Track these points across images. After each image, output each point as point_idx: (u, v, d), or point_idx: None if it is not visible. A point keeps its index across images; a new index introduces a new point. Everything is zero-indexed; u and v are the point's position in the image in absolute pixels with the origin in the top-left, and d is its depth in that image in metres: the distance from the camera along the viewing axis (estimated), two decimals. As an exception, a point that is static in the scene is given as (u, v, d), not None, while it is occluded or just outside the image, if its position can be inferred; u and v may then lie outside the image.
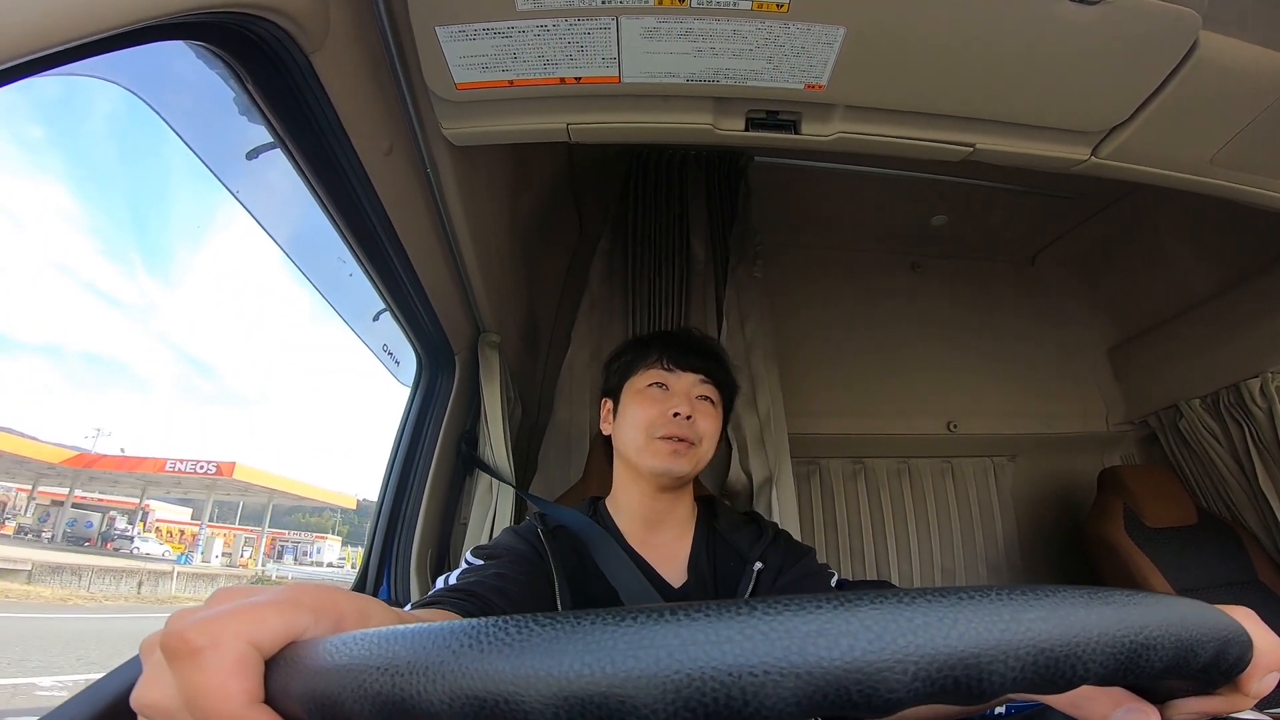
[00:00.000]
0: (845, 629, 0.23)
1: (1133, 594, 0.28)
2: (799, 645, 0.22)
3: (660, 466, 0.84)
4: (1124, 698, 0.35)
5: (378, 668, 0.23)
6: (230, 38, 0.60)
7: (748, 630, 0.22)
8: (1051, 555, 2.05)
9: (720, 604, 0.23)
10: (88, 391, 61.67)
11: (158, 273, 79.27)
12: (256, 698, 0.24)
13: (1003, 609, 0.24)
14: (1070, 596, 0.26)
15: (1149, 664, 0.26)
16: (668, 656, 0.21)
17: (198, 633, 0.25)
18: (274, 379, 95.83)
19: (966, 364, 2.10)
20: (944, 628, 0.23)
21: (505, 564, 0.76)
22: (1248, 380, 1.71)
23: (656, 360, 0.91)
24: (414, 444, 1.29)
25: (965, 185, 1.89)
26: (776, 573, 0.84)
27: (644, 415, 0.87)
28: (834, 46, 0.78)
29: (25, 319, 49.25)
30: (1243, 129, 0.96)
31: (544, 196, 1.63)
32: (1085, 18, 0.75)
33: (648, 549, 0.87)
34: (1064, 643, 0.25)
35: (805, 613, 0.23)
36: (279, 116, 0.70)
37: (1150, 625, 0.26)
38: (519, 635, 0.23)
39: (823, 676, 0.22)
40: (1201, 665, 0.29)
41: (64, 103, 37.33)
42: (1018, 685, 0.24)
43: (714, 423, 0.90)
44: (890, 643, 0.23)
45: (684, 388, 0.89)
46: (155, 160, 61.32)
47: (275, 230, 0.95)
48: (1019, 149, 0.97)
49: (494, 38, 0.75)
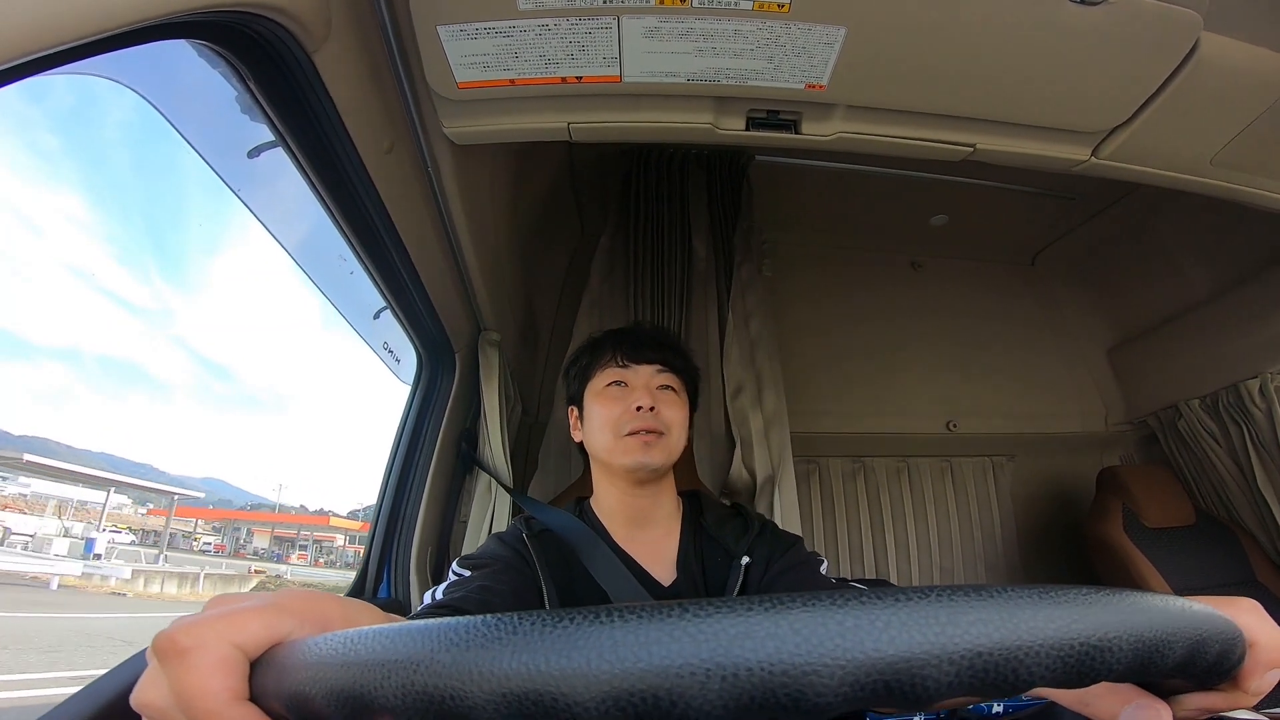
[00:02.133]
0: (772, 631, 0.22)
1: (1088, 592, 0.27)
2: (725, 647, 0.22)
3: (632, 461, 0.84)
4: (1134, 694, 0.34)
5: (339, 665, 0.24)
6: (232, 36, 0.60)
7: (675, 632, 0.22)
8: (1050, 555, 2.05)
9: (655, 605, 0.24)
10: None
11: (155, 273, 79.39)
12: (240, 695, 0.26)
13: (939, 611, 0.24)
14: (1015, 597, 0.25)
15: (1105, 666, 0.25)
16: (598, 657, 0.22)
17: (184, 635, 0.27)
18: (291, 387, 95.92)
19: (966, 364, 2.10)
20: (875, 631, 0.23)
21: (490, 574, 0.76)
22: (1246, 381, 1.71)
23: (611, 358, 0.91)
24: (414, 442, 1.29)
25: (966, 185, 1.89)
26: (765, 565, 0.84)
27: (608, 414, 0.87)
28: (835, 46, 0.79)
29: (25, 319, 49.56)
30: (1243, 130, 0.96)
31: (544, 195, 1.63)
32: (1086, 18, 0.75)
33: (635, 547, 0.87)
34: (1005, 646, 0.24)
35: (734, 615, 0.23)
36: (280, 115, 0.70)
37: (1106, 625, 0.25)
38: (464, 635, 0.24)
39: (748, 679, 0.22)
40: (1174, 665, 0.28)
41: (66, 101, 36.91)
42: (956, 690, 0.23)
43: (679, 410, 0.90)
44: (817, 646, 0.22)
45: (642, 380, 0.89)
46: (157, 159, 61.49)
47: (276, 228, 0.95)
48: (1019, 149, 0.97)
49: (495, 37, 0.75)
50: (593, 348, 0.96)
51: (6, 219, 13.41)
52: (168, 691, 0.27)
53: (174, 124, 0.72)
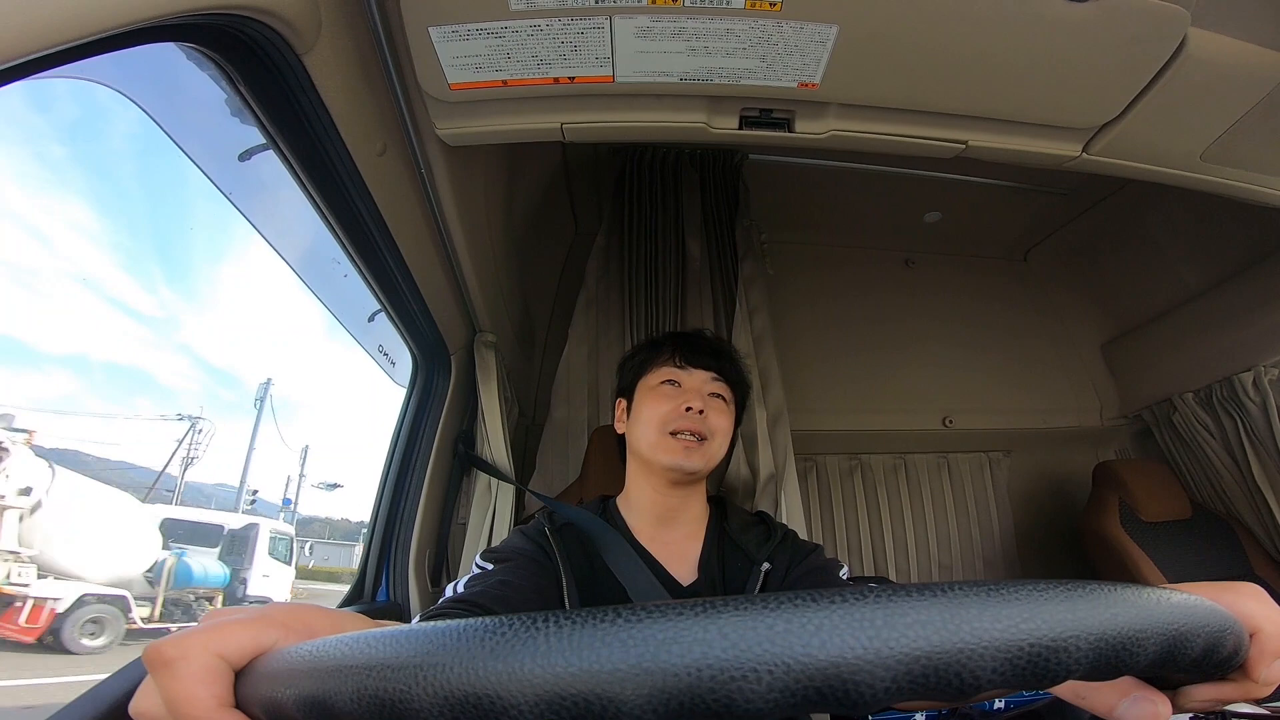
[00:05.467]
0: (700, 636, 0.22)
1: (1043, 587, 0.25)
2: (652, 652, 0.22)
3: (672, 461, 0.86)
4: (1132, 686, 0.33)
5: (304, 672, 0.26)
6: (222, 39, 0.59)
7: (607, 637, 0.23)
8: (1047, 549, 2.06)
9: (594, 611, 0.24)
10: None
11: (150, 274, 78.40)
12: (224, 702, 0.28)
13: (875, 614, 0.23)
14: (958, 596, 0.24)
15: (1063, 668, 0.24)
16: (530, 660, 0.23)
17: (171, 647, 0.28)
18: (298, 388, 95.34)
19: (961, 360, 2.11)
20: (805, 636, 0.22)
21: (511, 569, 0.77)
22: (1240, 374, 1.72)
23: (669, 358, 0.93)
24: (410, 445, 1.28)
25: (958, 182, 1.90)
26: (785, 570, 0.85)
27: (657, 411, 0.89)
28: (827, 45, 0.79)
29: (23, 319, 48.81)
30: (1232, 125, 0.97)
31: (538, 195, 1.63)
32: (1076, 15, 0.76)
33: (658, 546, 0.88)
34: (945, 650, 0.23)
35: (665, 619, 0.23)
36: (271, 118, 0.70)
37: (1061, 624, 0.24)
38: (404, 642, 0.25)
39: (675, 684, 0.22)
40: (1149, 662, 0.26)
41: (54, 105, 36.85)
42: (896, 695, 0.22)
43: (726, 420, 0.92)
44: (745, 651, 0.22)
45: (696, 384, 0.91)
46: (146, 162, 60.97)
47: (268, 231, 0.95)
48: (1011, 146, 0.98)
49: (487, 38, 0.75)
50: (653, 345, 0.98)
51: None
52: (160, 700, 0.28)
53: (164, 128, 0.72)
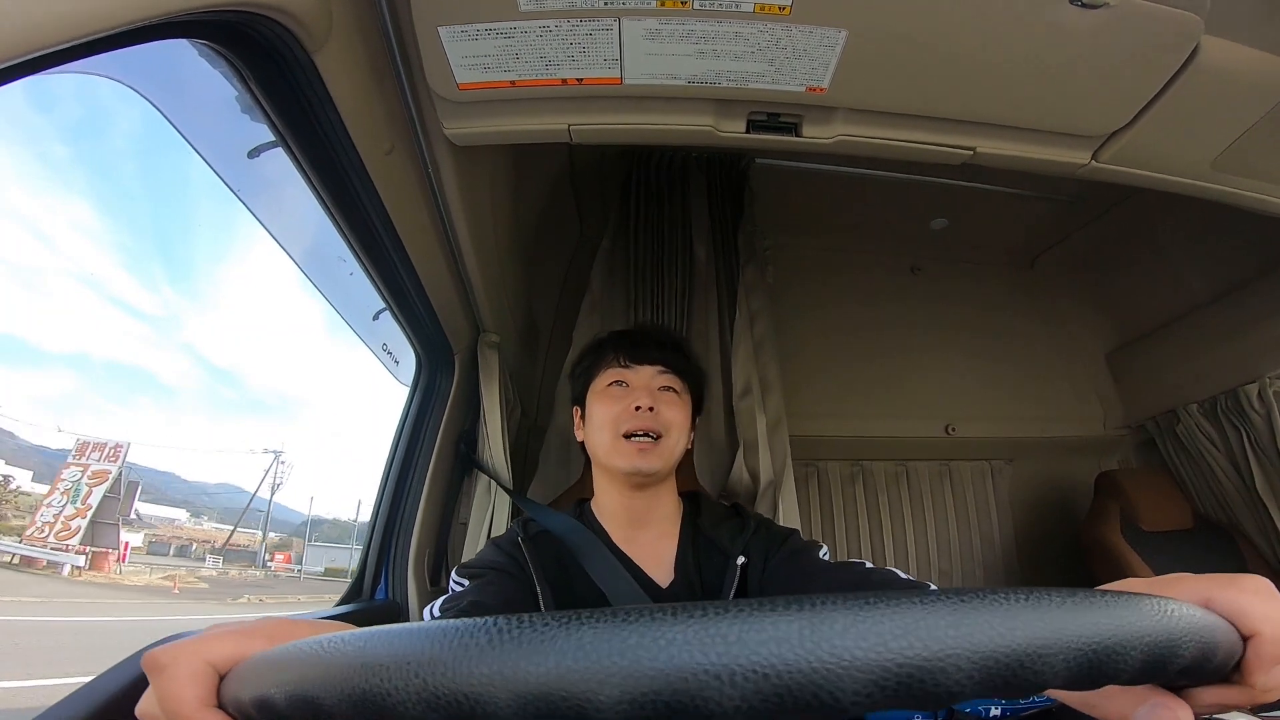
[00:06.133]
0: (558, 647, 0.23)
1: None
2: (514, 663, 0.23)
3: (629, 465, 0.85)
4: (1148, 693, 0.32)
5: (262, 675, 0.29)
6: (233, 36, 0.60)
7: (475, 649, 0.24)
8: (1048, 558, 2.05)
9: (471, 623, 0.25)
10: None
11: (156, 274, 78.91)
12: (208, 703, 0.31)
13: (730, 627, 0.22)
14: (826, 607, 0.23)
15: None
16: (412, 663, 0.24)
17: (163, 654, 0.32)
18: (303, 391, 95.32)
19: (965, 367, 2.10)
20: (655, 649, 0.22)
21: (481, 586, 0.77)
22: (1246, 385, 1.71)
23: (614, 359, 0.92)
24: (412, 444, 1.28)
25: (965, 188, 1.89)
26: (764, 561, 0.85)
27: (607, 414, 0.88)
28: (835, 49, 0.79)
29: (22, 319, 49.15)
30: (1243, 134, 0.97)
31: (544, 197, 1.63)
32: (1086, 22, 0.75)
33: (634, 549, 0.87)
34: (800, 669, 0.22)
35: (532, 630, 0.24)
36: (281, 115, 0.70)
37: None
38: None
39: (531, 692, 0.22)
40: (1135, 671, 0.25)
41: (66, 100, 37.10)
42: (754, 714, 0.22)
43: (680, 411, 0.90)
44: (596, 662, 0.22)
45: (643, 381, 0.90)
46: (156, 158, 61.45)
47: (276, 229, 0.95)
48: (1019, 153, 0.97)
49: (496, 38, 0.75)
50: (596, 348, 0.97)
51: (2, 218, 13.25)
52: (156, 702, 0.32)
53: (174, 123, 0.72)
